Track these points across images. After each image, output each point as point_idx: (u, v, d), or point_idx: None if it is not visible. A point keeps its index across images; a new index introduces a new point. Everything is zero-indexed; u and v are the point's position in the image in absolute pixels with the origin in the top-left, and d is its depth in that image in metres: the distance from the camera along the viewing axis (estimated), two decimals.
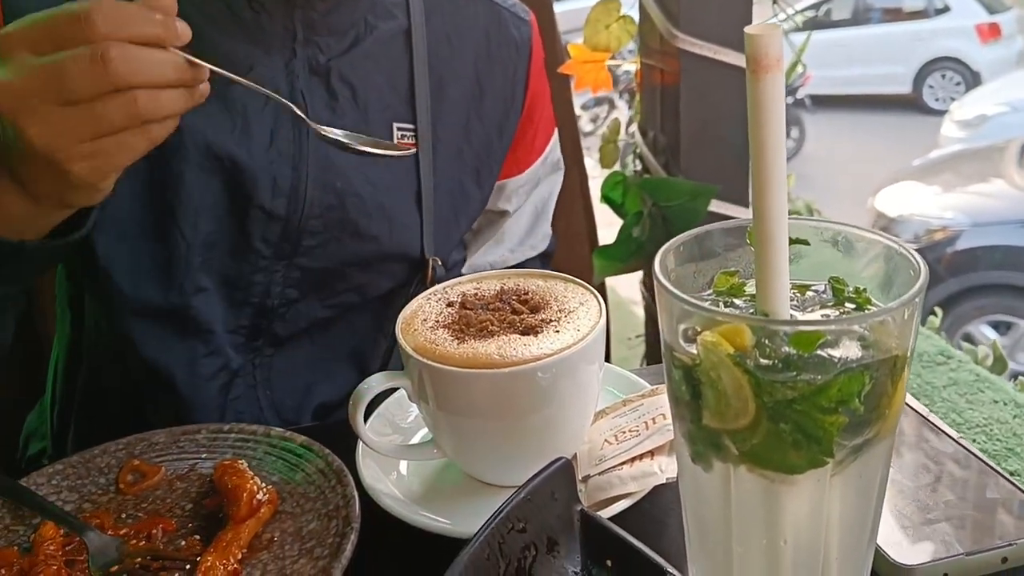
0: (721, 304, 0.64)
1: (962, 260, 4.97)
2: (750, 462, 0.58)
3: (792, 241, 0.63)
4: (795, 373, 0.54)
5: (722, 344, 0.55)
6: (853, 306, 0.61)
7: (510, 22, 1.32)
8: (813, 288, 0.64)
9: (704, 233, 0.65)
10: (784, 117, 0.55)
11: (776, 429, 0.56)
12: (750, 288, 0.63)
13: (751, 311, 0.61)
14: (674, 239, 0.64)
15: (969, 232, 5.05)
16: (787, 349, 0.54)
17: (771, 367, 0.55)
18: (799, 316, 0.61)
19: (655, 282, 0.60)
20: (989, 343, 1.91)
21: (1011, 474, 0.93)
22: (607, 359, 1.99)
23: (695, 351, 0.57)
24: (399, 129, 1.20)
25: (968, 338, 4.79)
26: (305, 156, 1.10)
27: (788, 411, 0.55)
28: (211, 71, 0.84)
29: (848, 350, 0.55)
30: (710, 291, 0.65)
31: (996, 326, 4.88)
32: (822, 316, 0.61)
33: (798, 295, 0.63)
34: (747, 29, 0.53)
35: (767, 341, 0.55)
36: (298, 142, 1.10)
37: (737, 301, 0.64)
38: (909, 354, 0.57)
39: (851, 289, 0.62)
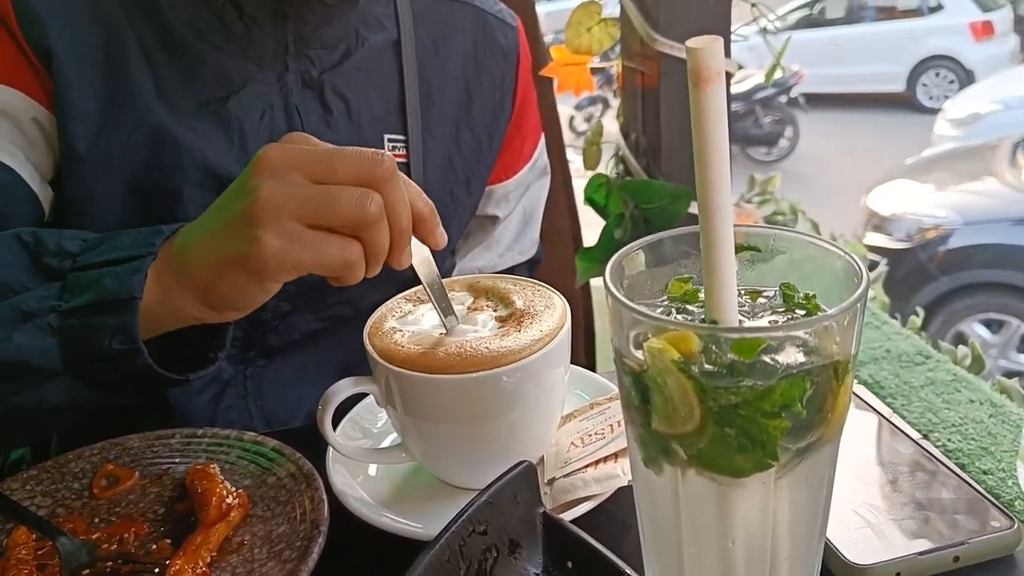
0: (674, 310, 0.65)
1: (954, 258, 4.98)
2: (698, 466, 0.59)
3: (741, 248, 0.64)
4: (738, 379, 0.55)
5: (668, 350, 0.56)
6: (803, 312, 0.62)
7: (497, 29, 1.32)
8: (764, 294, 0.65)
9: (656, 241, 0.66)
10: (727, 128, 0.56)
11: (722, 433, 0.57)
12: (704, 294, 0.64)
13: (704, 318, 0.62)
14: (626, 247, 0.65)
15: (962, 230, 5.06)
16: (731, 355, 0.55)
17: (715, 373, 0.56)
18: (748, 322, 0.62)
19: (605, 289, 0.61)
20: (979, 343, 1.91)
21: (984, 473, 0.94)
22: (593, 359, 2.00)
23: (643, 357, 0.58)
24: (390, 141, 1.20)
25: (960, 336, 4.80)
26: None
27: (733, 416, 0.56)
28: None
29: (790, 356, 0.56)
30: (664, 297, 0.66)
31: (988, 324, 4.90)
32: (770, 322, 0.62)
33: (749, 301, 0.64)
34: (688, 43, 0.54)
35: (713, 347, 0.56)
36: None
37: (690, 307, 0.65)
38: (851, 359, 0.58)
39: (801, 295, 0.63)
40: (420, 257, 0.87)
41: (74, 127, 1.03)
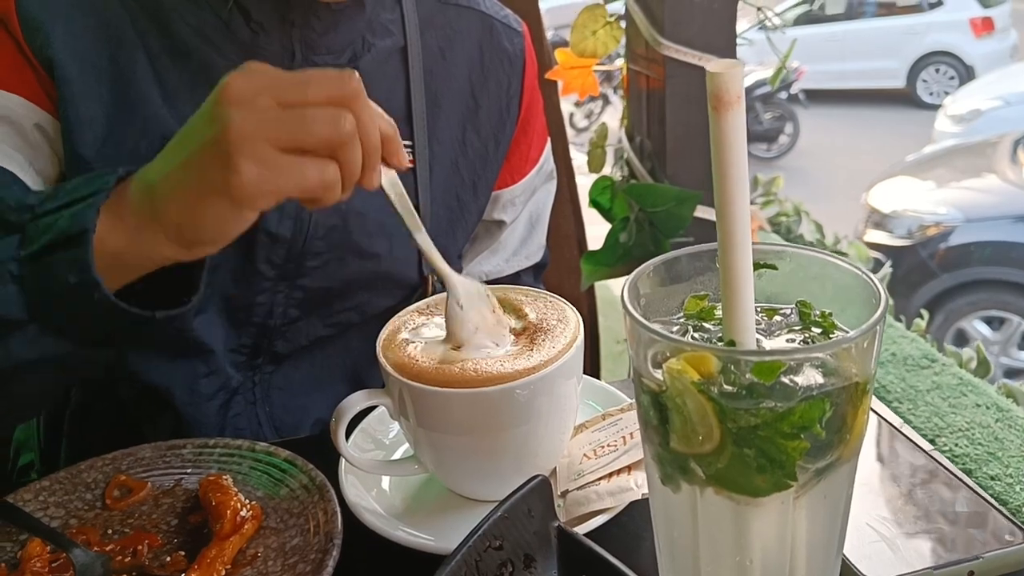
0: (690, 328, 0.65)
1: (955, 256, 4.99)
2: (716, 485, 0.60)
3: (759, 266, 0.64)
4: (758, 400, 0.55)
5: (687, 371, 0.56)
6: (819, 330, 0.62)
7: (503, 34, 1.32)
8: (781, 312, 0.65)
9: (672, 259, 0.66)
10: (745, 150, 0.56)
11: (741, 454, 0.57)
12: (720, 312, 0.64)
13: (720, 335, 0.62)
14: (643, 266, 0.65)
15: (962, 227, 5.07)
16: (750, 377, 0.56)
17: (734, 394, 0.56)
18: (765, 341, 0.62)
19: (623, 309, 0.61)
20: (980, 340, 1.91)
21: (991, 478, 0.94)
22: (597, 359, 2.01)
23: (662, 377, 0.59)
24: None
25: (961, 334, 4.81)
26: None
27: (752, 437, 0.56)
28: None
29: (809, 377, 0.56)
30: (680, 314, 0.66)
31: (989, 321, 4.90)
32: (788, 340, 0.62)
33: (765, 319, 0.64)
34: (708, 67, 0.54)
35: (732, 368, 0.57)
36: None
37: (707, 324, 0.65)
38: (870, 380, 0.59)
39: (817, 313, 0.63)
40: (387, 178, 0.88)
41: (81, 133, 1.03)
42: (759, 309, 0.64)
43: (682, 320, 0.66)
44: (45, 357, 0.87)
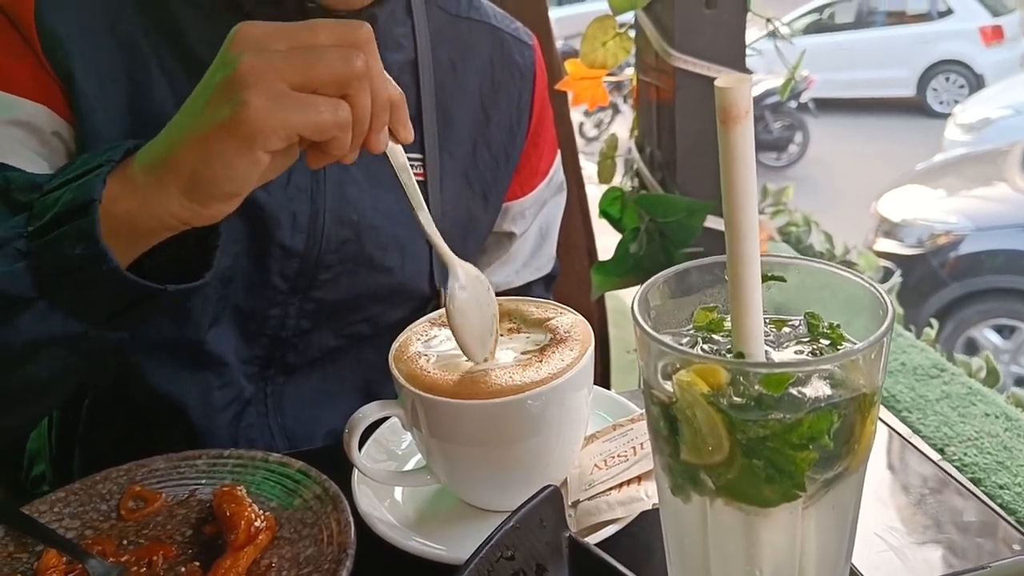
0: (700, 339, 0.65)
1: (966, 264, 5.00)
2: (726, 495, 0.60)
3: (768, 278, 0.65)
4: (766, 412, 0.56)
5: (697, 383, 0.57)
6: (827, 342, 0.63)
7: (513, 47, 1.33)
8: (789, 323, 0.65)
9: (683, 271, 0.67)
10: (754, 163, 0.57)
11: (750, 465, 0.58)
12: (729, 324, 0.65)
13: (729, 347, 0.63)
14: (653, 278, 0.66)
15: (973, 236, 5.07)
16: (759, 388, 0.56)
17: (744, 406, 0.57)
18: (774, 352, 0.63)
19: (633, 321, 0.62)
20: (991, 349, 1.91)
21: (1000, 487, 0.94)
22: (607, 369, 2.01)
23: (671, 389, 0.59)
24: (407, 159, 1.21)
25: (971, 342, 4.80)
26: (322, 191, 1.11)
27: (761, 448, 0.57)
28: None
29: (817, 389, 0.57)
30: (690, 326, 0.67)
31: (1000, 330, 4.90)
32: (796, 352, 0.63)
33: (774, 330, 0.65)
34: (717, 82, 0.55)
35: (741, 379, 0.57)
36: (315, 176, 1.10)
37: (716, 336, 0.66)
38: (877, 391, 0.59)
39: (825, 325, 0.64)
40: (393, 149, 0.88)
41: (97, 149, 1.04)
42: (768, 321, 0.65)
43: (692, 332, 0.66)
44: (56, 336, 0.86)
